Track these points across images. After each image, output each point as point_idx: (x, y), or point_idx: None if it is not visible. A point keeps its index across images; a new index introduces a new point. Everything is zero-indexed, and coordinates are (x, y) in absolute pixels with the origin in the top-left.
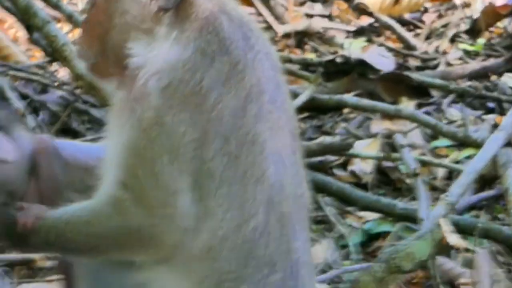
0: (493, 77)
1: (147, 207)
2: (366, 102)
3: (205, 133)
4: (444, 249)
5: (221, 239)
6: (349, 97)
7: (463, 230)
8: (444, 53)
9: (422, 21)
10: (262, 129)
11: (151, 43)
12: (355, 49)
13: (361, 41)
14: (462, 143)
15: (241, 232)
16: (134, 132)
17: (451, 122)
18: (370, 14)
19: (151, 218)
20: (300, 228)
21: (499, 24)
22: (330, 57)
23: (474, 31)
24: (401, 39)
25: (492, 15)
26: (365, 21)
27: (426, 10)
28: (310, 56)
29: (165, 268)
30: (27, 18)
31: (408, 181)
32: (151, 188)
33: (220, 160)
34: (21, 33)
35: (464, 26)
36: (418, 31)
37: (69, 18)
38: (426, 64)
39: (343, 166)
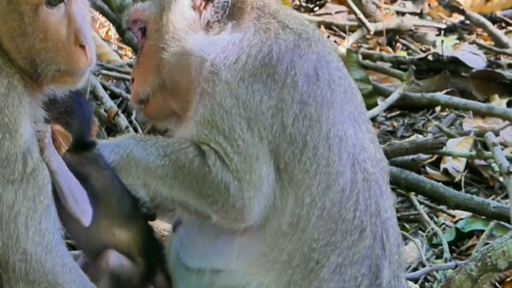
0: None
1: (233, 170)
2: (458, 100)
3: (281, 100)
4: None
5: (309, 206)
6: (441, 95)
7: None
8: None
9: None
10: (337, 92)
11: (209, 37)
12: (446, 47)
13: (452, 38)
14: None
15: (329, 195)
16: (209, 107)
17: None
18: (461, 11)
19: (237, 182)
20: (386, 190)
21: None
22: (422, 55)
23: None
24: (492, 36)
25: None
26: (456, 18)
27: None
28: (402, 54)
29: (255, 247)
30: (119, 18)
31: (501, 179)
32: (233, 152)
33: (302, 123)
34: (112, 32)
35: None
36: (510, 28)
37: None
38: None
39: (436, 164)
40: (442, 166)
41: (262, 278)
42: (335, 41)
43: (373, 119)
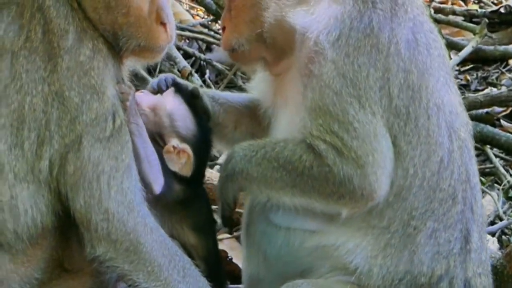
0: None
1: (353, 159)
2: None
3: (387, 69)
4: None
5: (411, 176)
6: None
7: None
8: None
9: None
10: (434, 57)
11: (309, 10)
12: None
13: None
14: None
15: (429, 165)
16: (318, 91)
17: None
18: None
19: (360, 169)
20: (473, 155)
21: None
22: (494, 8)
23: None
24: None
25: None
26: None
27: None
28: (474, 7)
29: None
30: None
31: None
32: (351, 139)
33: (405, 94)
34: None
35: None
36: None
37: None
38: None
39: (510, 117)
40: None
41: (359, 240)
42: None
43: None
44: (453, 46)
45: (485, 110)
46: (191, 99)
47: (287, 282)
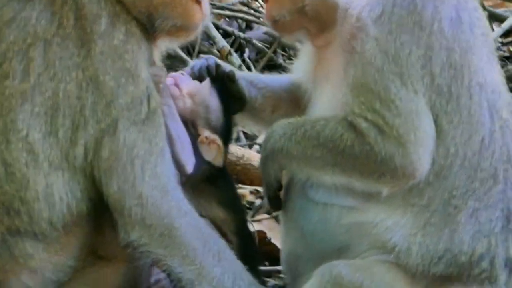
0: None
1: (395, 138)
2: None
3: (429, 47)
4: None
5: (453, 155)
6: None
7: None
8: None
9: None
10: (477, 36)
11: None
12: None
13: None
14: None
15: (471, 145)
16: (360, 68)
17: None
18: None
19: (402, 148)
20: None
21: None
22: None
23: None
24: None
25: None
26: None
27: None
28: None
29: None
30: None
31: None
32: (393, 117)
33: (447, 73)
34: None
35: None
36: None
37: None
38: None
39: None
40: None
41: (399, 217)
42: None
43: None
44: (495, 18)
45: None
46: (227, 82)
47: (325, 259)
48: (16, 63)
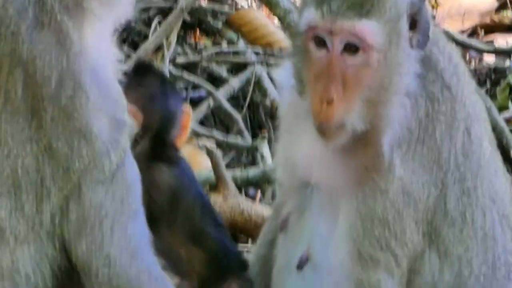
0: None
1: (401, 276)
2: None
3: (445, 186)
4: None
5: (467, 277)
6: None
7: None
8: None
9: None
10: (484, 148)
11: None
12: None
13: None
14: None
15: (487, 263)
16: (379, 203)
17: None
18: None
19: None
20: None
21: None
22: None
23: None
24: None
25: None
26: None
27: None
28: None
29: None
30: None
31: None
32: (401, 257)
33: (461, 203)
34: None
35: None
36: None
37: None
38: None
39: None
40: None
41: None
42: None
43: None
44: None
45: None
46: None
47: None
48: None
